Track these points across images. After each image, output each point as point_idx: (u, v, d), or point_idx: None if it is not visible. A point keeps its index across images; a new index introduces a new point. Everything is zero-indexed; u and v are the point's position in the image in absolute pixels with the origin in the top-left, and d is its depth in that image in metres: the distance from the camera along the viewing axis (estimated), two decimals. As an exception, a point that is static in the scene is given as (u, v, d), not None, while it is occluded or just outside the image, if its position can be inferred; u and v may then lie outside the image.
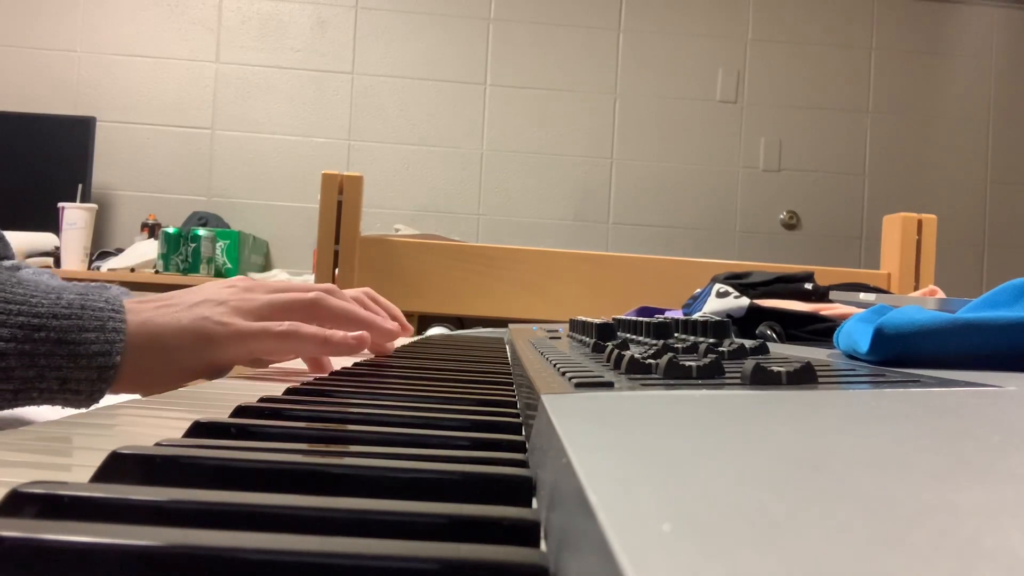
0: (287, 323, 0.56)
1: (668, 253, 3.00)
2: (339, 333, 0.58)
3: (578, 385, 0.28)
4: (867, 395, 0.27)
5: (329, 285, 0.64)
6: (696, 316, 0.55)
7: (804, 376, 0.28)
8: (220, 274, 2.75)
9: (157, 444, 0.25)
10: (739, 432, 0.20)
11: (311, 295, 0.60)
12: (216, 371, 0.57)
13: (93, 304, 0.50)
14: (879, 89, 3.39)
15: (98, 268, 2.69)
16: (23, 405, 0.49)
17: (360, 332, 0.59)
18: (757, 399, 0.25)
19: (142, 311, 0.53)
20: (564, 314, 1.39)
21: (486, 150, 3.26)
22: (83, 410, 0.49)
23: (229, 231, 2.86)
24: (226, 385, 0.50)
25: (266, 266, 3.05)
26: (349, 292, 0.66)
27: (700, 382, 0.29)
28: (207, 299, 0.56)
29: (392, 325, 0.63)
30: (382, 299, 0.71)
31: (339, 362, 0.63)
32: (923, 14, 3.41)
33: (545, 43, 3.27)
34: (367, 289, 0.70)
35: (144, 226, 2.97)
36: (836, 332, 0.48)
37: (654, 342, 0.45)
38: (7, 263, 0.71)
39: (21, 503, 0.18)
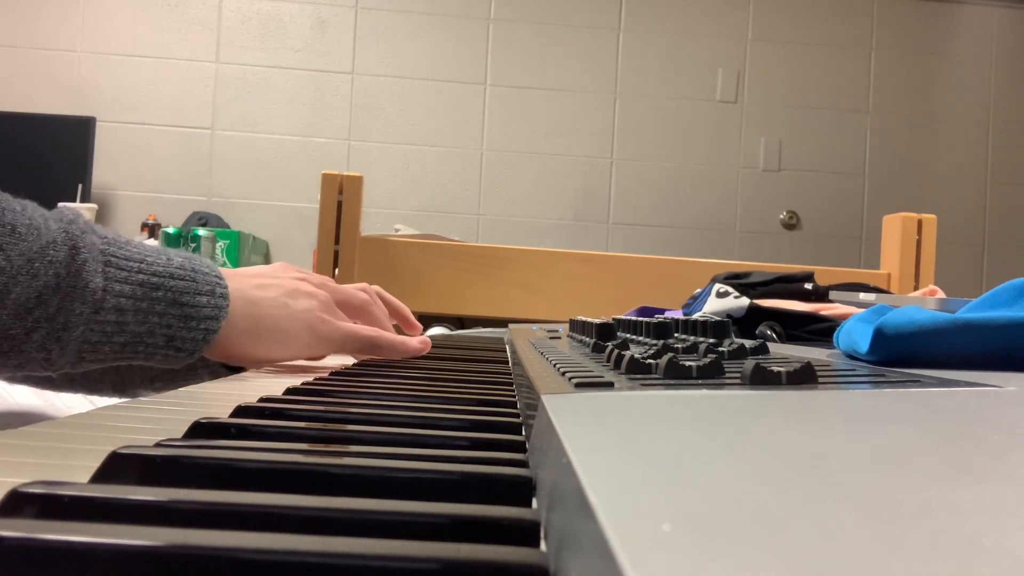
0: (374, 330, 0.61)
1: (668, 253, 3.00)
2: (412, 341, 0.63)
3: (578, 385, 0.28)
4: (867, 395, 0.27)
5: (364, 285, 0.69)
6: (696, 316, 0.55)
7: (804, 376, 0.28)
8: (220, 274, 2.75)
9: (157, 444, 0.25)
10: (739, 432, 0.20)
11: (365, 297, 0.65)
12: (314, 358, 0.61)
13: (202, 269, 0.53)
14: (879, 89, 3.40)
15: (98, 268, 2.69)
16: (128, 360, 0.51)
17: (425, 337, 0.65)
18: (757, 399, 0.25)
19: (240, 283, 0.56)
20: (564, 314, 1.39)
21: (486, 150, 3.26)
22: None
23: (229, 231, 2.86)
24: (225, 385, 0.50)
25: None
26: (359, 287, 0.69)
27: (700, 382, 0.29)
28: (297, 290, 0.58)
29: (415, 344, 0.65)
30: (391, 299, 0.73)
31: (337, 361, 0.63)
32: (923, 14, 3.41)
33: (545, 43, 3.27)
34: (379, 289, 0.72)
35: (144, 226, 2.97)
36: (836, 332, 0.48)
37: (654, 342, 0.45)
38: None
39: (21, 503, 0.18)
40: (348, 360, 0.63)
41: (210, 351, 0.54)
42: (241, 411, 0.33)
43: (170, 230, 2.73)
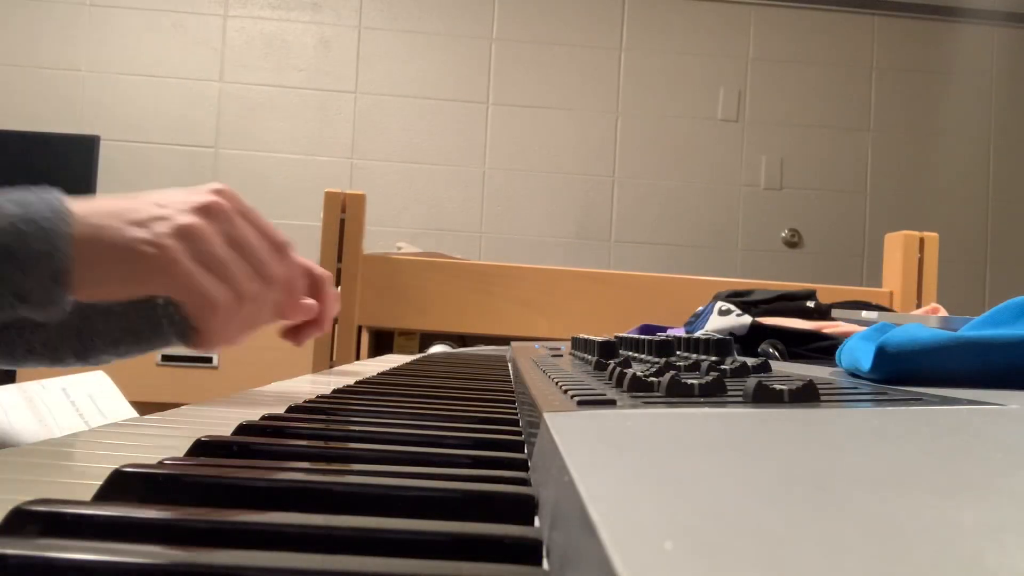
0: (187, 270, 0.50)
1: (670, 271, 3.00)
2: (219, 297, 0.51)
3: (580, 403, 0.28)
4: (869, 413, 0.27)
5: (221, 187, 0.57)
6: (698, 334, 0.55)
7: (806, 394, 0.28)
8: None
9: (160, 462, 0.25)
10: (741, 450, 0.20)
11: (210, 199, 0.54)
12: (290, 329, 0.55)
13: (34, 206, 0.48)
14: (880, 107, 3.41)
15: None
16: None
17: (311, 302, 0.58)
18: (759, 417, 0.25)
19: (94, 214, 0.50)
20: (566, 332, 1.39)
21: (488, 168, 3.27)
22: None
23: (232, 249, 2.87)
24: (227, 403, 0.50)
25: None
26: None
27: (702, 400, 0.29)
28: (154, 216, 0.51)
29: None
30: (320, 274, 0.63)
31: (337, 371, 0.63)
32: (923, 33, 3.43)
33: (547, 62, 3.29)
34: (317, 271, 0.63)
35: (147, 244, 2.97)
36: (838, 350, 0.48)
37: (656, 360, 0.45)
38: None
39: (24, 521, 0.18)
40: (351, 379, 0.62)
41: (84, 292, 0.49)
42: (243, 429, 0.33)
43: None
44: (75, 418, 0.68)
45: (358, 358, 1.55)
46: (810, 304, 1.19)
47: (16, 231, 0.47)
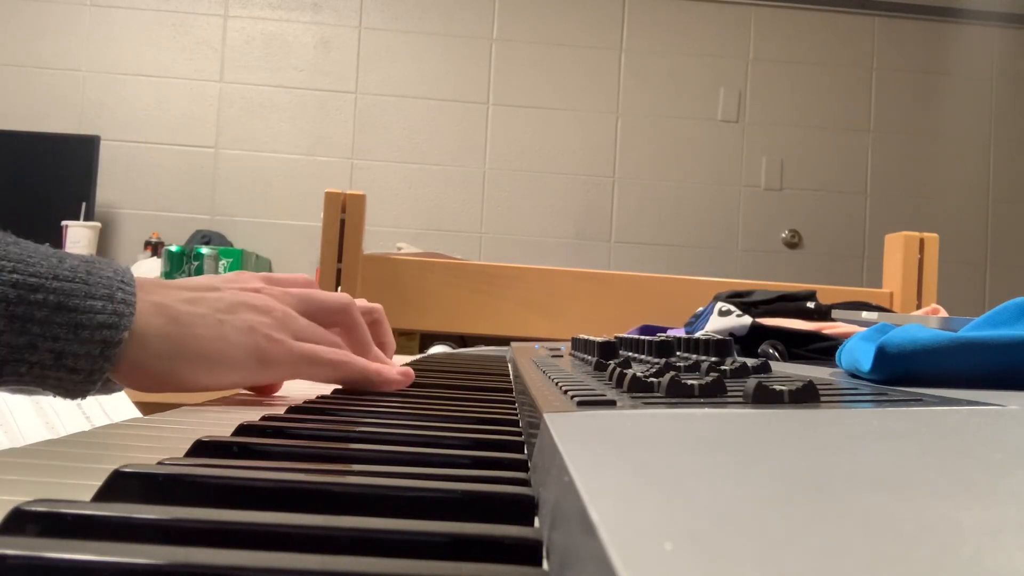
0: (341, 353, 0.51)
1: (670, 271, 3.00)
2: (388, 371, 0.52)
3: (580, 403, 0.28)
4: (869, 414, 0.27)
5: (366, 303, 0.58)
6: (698, 334, 0.55)
7: (806, 395, 0.28)
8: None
9: (160, 463, 0.25)
10: (741, 451, 0.20)
11: (342, 303, 0.54)
12: (258, 388, 0.52)
13: (101, 271, 0.44)
14: (880, 108, 3.41)
15: (101, 286, 2.69)
16: (8, 383, 0.42)
17: (407, 368, 0.54)
18: (759, 418, 0.25)
19: (160, 292, 0.46)
20: (566, 332, 1.39)
21: (488, 169, 3.27)
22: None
23: (232, 249, 2.87)
24: (227, 404, 0.50)
25: (268, 284, 3.04)
26: (360, 304, 0.60)
27: (702, 401, 0.29)
28: (241, 303, 0.48)
29: (393, 374, 0.54)
30: (385, 326, 0.63)
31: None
32: (924, 34, 3.43)
33: (547, 63, 3.29)
34: (378, 308, 0.62)
35: (147, 244, 2.98)
36: (838, 351, 0.48)
37: (656, 360, 0.45)
38: None
39: (24, 521, 0.18)
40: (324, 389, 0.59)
41: (123, 378, 0.45)
42: (243, 429, 0.33)
43: (173, 248, 2.74)
44: (81, 420, 0.68)
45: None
46: (810, 305, 1.19)
47: (82, 280, 0.42)
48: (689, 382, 0.30)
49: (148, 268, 2.76)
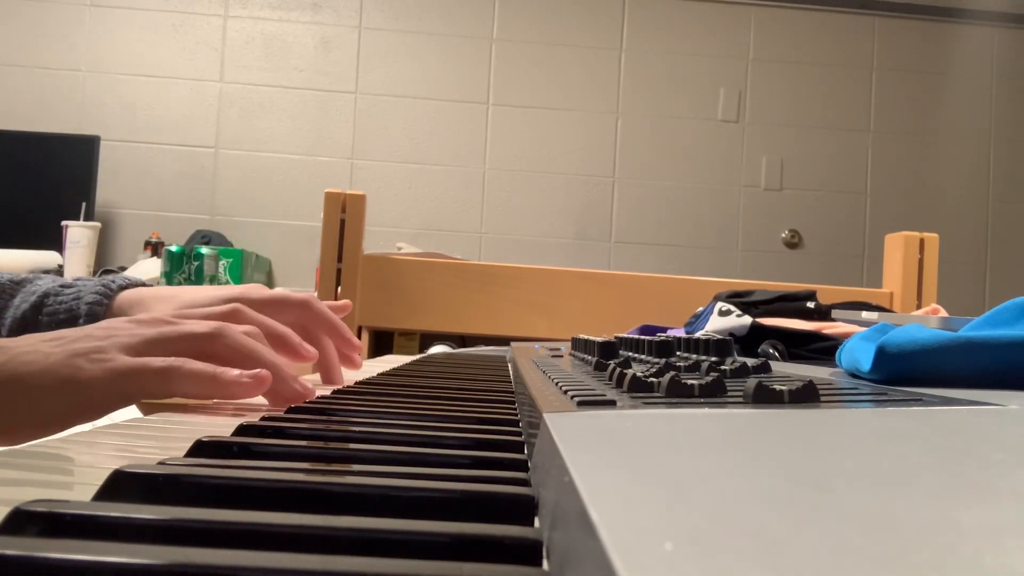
0: (167, 359, 0.45)
1: (670, 271, 3.00)
2: (231, 372, 0.46)
3: (580, 403, 0.28)
4: (869, 414, 0.27)
5: (246, 291, 0.56)
6: (699, 334, 0.55)
7: (806, 395, 0.28)
8: (222, 292, 2.75)
9: (160, 463, 0.25)
10: (741, 451, 0.20)
11: (208, 328, 0.49)
12: (87, 415, 0.46)
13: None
14: (880, 108, 3.41)
15: (101, 286, 2.69)
16: None
17: (259, 371, 0.47)
18: (759, 418, 0.25)
19: (12, 349, 0.44)
20: (566, 332, 1.39)
21: (488, 169, 3.27)
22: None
23: (232, 249, 2.87)
24: (227, 404, 0.50)
25: (269, 284, 3.05)
26: (289, 296, 0.58)
27: (702, 400, 0.29)
28: (95, 333, 0.46)
29: (298, 387, 0.49)
30: (326, 314, 0.60)
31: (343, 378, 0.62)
32: (923, 34, 3.43)
33: (547, 63, 3.29)
34: (309, 299, 0.59)
35: (147, 244, 2.98)
36: (838, 351, 0.48)
37: (656, 360, 0.45)
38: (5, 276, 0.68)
39: (24, 521, 0.18)
40: (351, 380, 0.61)
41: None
42: (243, 429, 0.33)
43: (173, 248, 2.74)
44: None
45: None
46: (810, 305, 1.19)
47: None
48: (689, 382, 0.30)
49: (148, 268, 2.76)
